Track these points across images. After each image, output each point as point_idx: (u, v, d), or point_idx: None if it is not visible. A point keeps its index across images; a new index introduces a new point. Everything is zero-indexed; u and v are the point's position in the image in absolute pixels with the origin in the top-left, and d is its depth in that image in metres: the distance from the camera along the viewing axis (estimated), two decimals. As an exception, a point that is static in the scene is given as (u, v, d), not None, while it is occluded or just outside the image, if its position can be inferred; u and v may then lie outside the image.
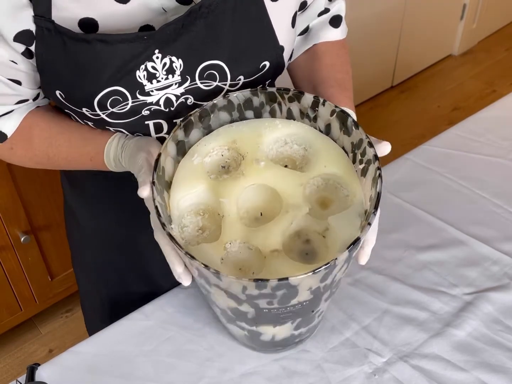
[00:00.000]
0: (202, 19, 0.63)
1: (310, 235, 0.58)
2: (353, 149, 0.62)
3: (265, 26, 0.67)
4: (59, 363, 0.76)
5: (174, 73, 0.64)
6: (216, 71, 0.65)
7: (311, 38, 0.79)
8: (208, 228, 0.59)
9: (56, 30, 0.61)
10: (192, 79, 0.65)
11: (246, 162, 0.63)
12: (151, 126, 0.68)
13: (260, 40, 0.67)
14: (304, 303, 0.57)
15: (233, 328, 0.68)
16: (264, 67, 0.68)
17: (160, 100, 0.65)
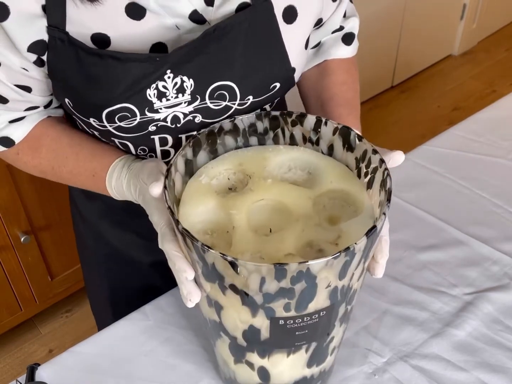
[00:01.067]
0: (216, 41, 0.63)
1: (322, 245, 0.58)
2: (358, 164, 0.63)
3: (278, 48, 0.67)
4: (59, 363, 0.76)
5: (185, 92, 0.64)
6: (226, 91, 0.66)
7: (322, 53, 0.79)
8: (217, 246, 0.59)
9: (69, 41, 0.61)
10: (202, 98, 0.65)
11: (253, 180, 0.63)
12: (156, 140, 0.68)
13: (272, 62, 0.67)
14: (321, 313, 0.56)
15: (242, 372, 0.67)
16: (274, 88, 0.69)
17: (167, 117, 0.66)
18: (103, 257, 0.94)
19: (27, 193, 1.51)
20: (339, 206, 0.62)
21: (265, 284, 0.51)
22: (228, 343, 0.63)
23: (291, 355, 0.61)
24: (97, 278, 0.99)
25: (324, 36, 0.79)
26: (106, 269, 0.96)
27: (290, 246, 0.56)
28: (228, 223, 0.59)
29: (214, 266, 0.52)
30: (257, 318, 0.56)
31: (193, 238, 0.51)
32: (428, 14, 2.68)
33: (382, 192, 0.58)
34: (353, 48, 0.81)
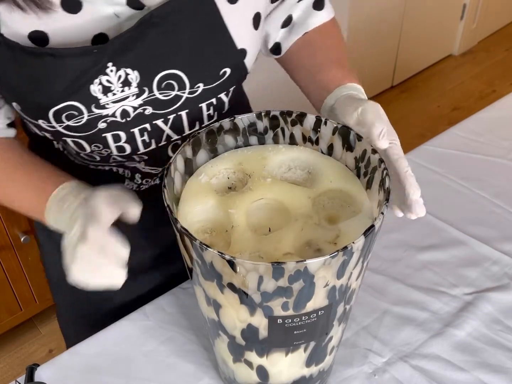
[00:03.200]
0: (155, 28, 0.61)
1: (321, 244, 0.58)
2: (357, 164, 0.63)
3: (220, 31, 0.65)
4: (59, 363, 0.76)
5: (131, 85, 0.62)
6: (174, 81, 0.64)
7: (298, 27, 0.78)
8: (216, 245, 0.59)
9: (5, 43, 0.59)
10: (150, 90, 0.64)
11: (253, 179, 0.63)
12: (109, 138, 0.66)
13: (217, 46, 0.65)
14: (319, 312, 0.56)
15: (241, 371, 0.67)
16: (224, 74, 0.67)
17: (116, 112, 0.64)
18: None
19: (27, 193, 1.51)
20: (338, 205, 0.62)
21: (263, 283, 0.52)
22: (227, 342, 0.63)
23: (290, 354, 0.61)
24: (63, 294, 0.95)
25: (291, 8, 0.77)
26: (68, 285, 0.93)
27: (288, 245, 0.56)
28: (227, 222, 0.59)
29: (212, 264, 0.52)
30: (255, 317, 0.56)
31: (191, 237, 0.51)
32: (428, 14, 2.68)
33: (381, 192, 0.58)
34: (327, 12, 0.79)
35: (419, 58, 2.88)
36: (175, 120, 0.68)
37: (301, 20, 0.78)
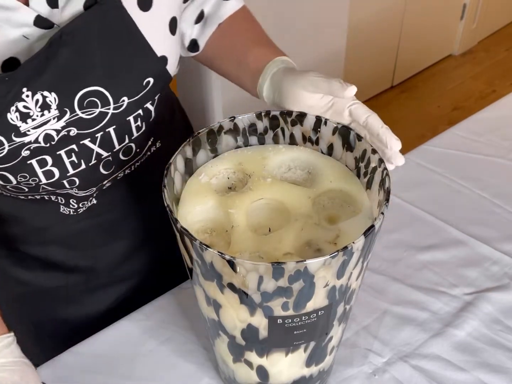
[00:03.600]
0: (67, 46, 0.58)
1: (321, 244, 0.58)
2: (357, 164, 0.63)
3: (138, 41, 0.63)
4: (59, 363, 0.76)
5: (50, 108, 0.60)
6: (96, 98, 0.62)
7: (211, 20, 0.78)
8: (216, 245, 0.59)
9: None
10: (71, 110, 0.61)
11: (253, 179, 0.63)
12: (34, 164, 0.63)
13: (136, 57, 0.63)
14: (319, 312, 0.56)
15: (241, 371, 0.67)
16: (148, 84, 0.65)
17: (39, 137, 0.61)
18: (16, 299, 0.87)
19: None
20: (338, 205, 0.62)
21: (263, 283, 0.52)
22: (227, 342, 0.63)
23: (290, 354, 0.61)
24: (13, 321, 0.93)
25: (202, 4, 0.77)
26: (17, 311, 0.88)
27: (288, 245, 0.56)
28: (227, 222, 0.59)
29: (212, 264, 0.52)
30: (255, 317, 0.56)
31: (191, 237, 0.51)
32: (428, 14, 2.68)
33: (381, 192, 0.58)
34: (236, 0, 0.78)
35: (419, 58, 2.87)
36: (103, 138, 0.66)
37: (212, 13, 0.77)
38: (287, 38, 2.12)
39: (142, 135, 0.70)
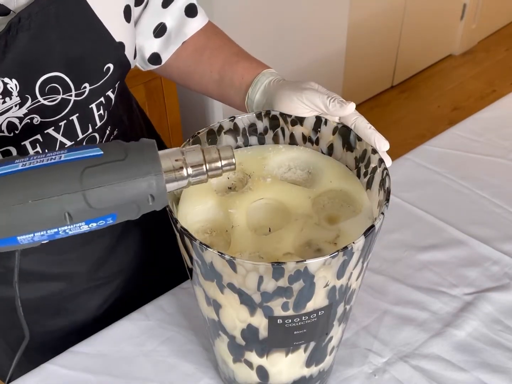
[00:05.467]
0: (25, 31, 0.57)
1: (321, 244, 0.58)
2: (357, 164, 0.63)
3: (95, 26, 0.62)
4: (59, 363, 0.76)
5: (11, 95, 0.59)
6: (57, 84, 0.61)
7: (176, 37, 0.77)
8: (216, 245, 0.59)
9: None
10: (33, 97, 0.60)
11: (252, 179, 0.63)
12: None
13: (95, 42, 0.63)
14: (319, 313, 0.56)
15: (240, 371, 0.67)
16: (108, 70, 0.65)
17: (2, 125, 0.60)
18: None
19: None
20: (338, 205, 0.62)
21: (263, 283, 0.51)
22: (227, 342, 0.62)
23: (290, 355, 0.61)
24: None
25: (159, 15, 0.75)
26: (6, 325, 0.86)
27: (288, 245, 0.56)
28: (227, 222, 0.59)
29: (212, 264, 0.52)
30: (255, 317, 0.56)
31: (191, 237, 0.51)
32: (428, 14, 2.69)
33: (381, 192, 0.58)
34: (201, 17, 0.78)
35: (419, 58, 2.88)
36: (67, 126, 0.65)
37: (176, 29, 0.77)
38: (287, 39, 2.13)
39: (104, 125, 0.70)
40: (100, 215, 0.47)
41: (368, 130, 0.61)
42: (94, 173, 0.46)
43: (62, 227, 0.46)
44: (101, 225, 0.48)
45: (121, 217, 0.48)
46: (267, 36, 2.03)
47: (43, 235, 0.46)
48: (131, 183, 0.46)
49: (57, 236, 0.47)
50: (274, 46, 2.06)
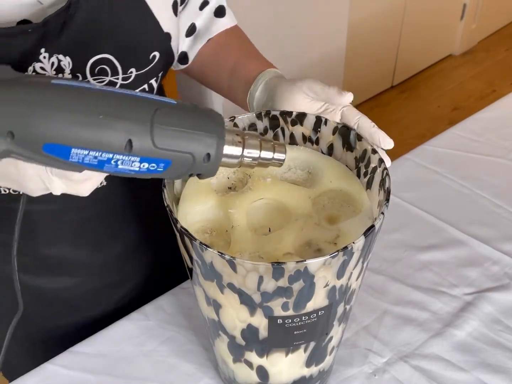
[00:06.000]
0: (82, 11, 0.59)
1: (321, 244, 0.58)
2: (357, 164, 0.63)
3: (146, 13, 0.65)
4: (59, 363, 0.76)
5: (64, 72, 0.61)
6: (107, 66, 0.63)
7: (202, 35, 0.79)
8: (216, 245, 0.59)
9: None
10: (83, 76, 0.62)
11: (252, 179, 0.63)
12: None
13: (144, 29, 0.65)
14: (319, 313, 0.56)
15: (240, 371, 0.67)
16: (154, 58, 0.67)
17: None
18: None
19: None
20: (339, 205, 0.62)
21: (263, 283, 0.51)
22: (227, 342, 0.62)
23: (290, 355, 0.61)
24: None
25: (194, 17, 0.77)
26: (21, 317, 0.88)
27: (288, 245, 0.56)
28: (227, 222, 0.59)
29: (212, 264, 0.52)
30: (255, 317, 0.56)
31: (191, 237, 0.51)
32: (428, 14, 2.69)
33: (381, 192, 0.58)
34: (228, 18, 0.80)
35: (419, 58, 2.88)
36: None
37: (204, 28, 0.78)
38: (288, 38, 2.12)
39: None
40: (157, 156, 0.47)
41: (372, 129, 0.62)
42: (166, 114, 0.47)
43: (117, 156, 0.46)
44: (151, 170, 0.48)
45: (173, 169, 0.49)
46: (267, 36, 2.03)
47: (96, 157, 0.46)
48: (196, 135, 0.48)
49: (105, 167, 0.47)
50: (274, 46, 2.06)
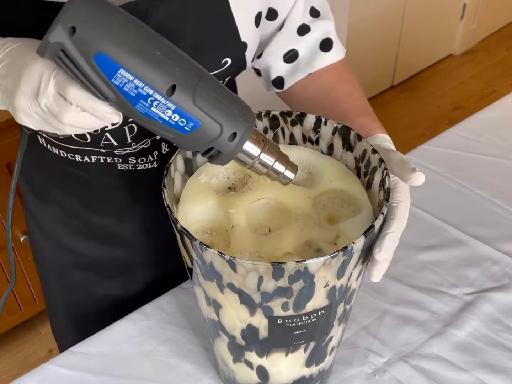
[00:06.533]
0: (166, 7, 0.60)
1: (321, 244, 0.58)
2: (357, 164, 0.63)
3: (228, 20, 0.65)
4: (59, 363, 0.76)
5: None
6: None
7: (304, 67, 0.76)
8: (216, 245, 0.59)
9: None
10: None
11: (253, 179, 0.63)
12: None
13: (222, 35, 0.65)
14: (319, 313, 0.56)
15: (240, 371, 0.67)
16: (225, 64, 0.67)
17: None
18: (63, 268, 0.90)
19: (27, 193, 1.51)
20: (339, 205, 0.62)
21: (263, 283, 0.51)
22: (227, 342, 0.62)
23: (290, 355, 0.61)
24: (57, 293, 0.95)
25: (293, 41, 0.75)
26: (66, 282, 0.92)
27: (288, 245, 0.56)
28: (227, 222, 0.59)
29: (212, 264, 0.52)
30: (255, 317, 0.56)
31: (191, 237, 0.51)
32: (428, 14, 2.68)
33: (381, 192, 0.58)
34: (335, 52, 0.77)
35: (419, 58, 2.88)
36: None
37: (306, 60, 0.76)
38: (287, 38, 2.12)
39: None
40: (191, 113, 0.48)
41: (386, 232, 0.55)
42: (212, 81, 0.50)
43: (156, 95, 0.47)
44: (179, 125, 0.49)
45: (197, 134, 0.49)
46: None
47: (136, 88, 0.46)
48: (232, 111, 0.50)
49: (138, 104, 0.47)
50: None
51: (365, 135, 0.69)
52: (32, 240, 0.93)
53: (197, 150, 0.52)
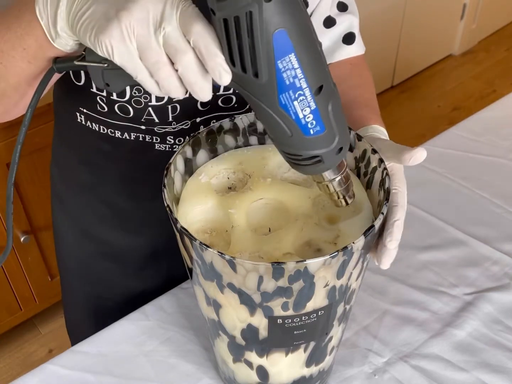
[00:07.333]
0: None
1: (321, 244, 0.58)
2: (357, 164, 0.63)
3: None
4: (59, 363, 0.76)
5: None
6: None
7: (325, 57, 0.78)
8: (216, 245, 0.59)
9: None
10: None
11: (253, 179, 0.63)
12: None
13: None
14: (319, 312, 0.56)
15: (240, 371, 0.67)
16: None
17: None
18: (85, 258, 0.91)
19: (27, 193, 1.51)
20: None
21: (263, 283, 0.52)
22: (227, 342, 0.63)
23: (290, 355, 0.61)
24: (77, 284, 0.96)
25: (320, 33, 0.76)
26: (88, 272, 0.93)
27: (288, 245, 0.56)
28: (227, 222, 0.59)
29: (212, 264, 0.52)
30: (255, 317, 0.56)
31: (191, 237, 0.51)
32: (428, 14, 2.68)
33: (381, 192, 0.58)
34: (356, 47, 0.79)
35: (419, 58, 2.88)
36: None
37: (328, 51, 0.78)
38: (287, 38, 2.12)
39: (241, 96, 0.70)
40: (323, 118, 0.47)
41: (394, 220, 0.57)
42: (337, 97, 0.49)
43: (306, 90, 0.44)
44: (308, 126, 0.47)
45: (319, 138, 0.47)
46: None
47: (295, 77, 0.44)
48: (346, 123, 0.50)
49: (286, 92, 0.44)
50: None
51: (360, 126, 0.70)
52: (57, 229, 0.94)
53: (301, 154, 0.49)
